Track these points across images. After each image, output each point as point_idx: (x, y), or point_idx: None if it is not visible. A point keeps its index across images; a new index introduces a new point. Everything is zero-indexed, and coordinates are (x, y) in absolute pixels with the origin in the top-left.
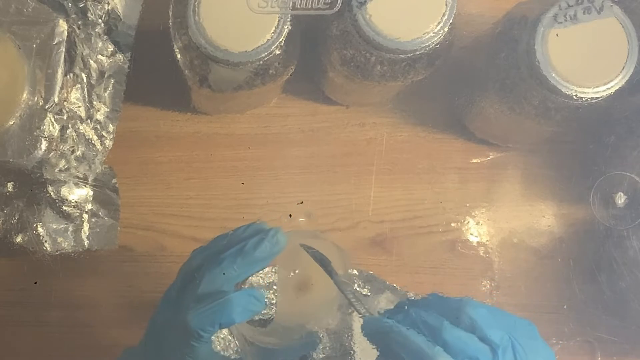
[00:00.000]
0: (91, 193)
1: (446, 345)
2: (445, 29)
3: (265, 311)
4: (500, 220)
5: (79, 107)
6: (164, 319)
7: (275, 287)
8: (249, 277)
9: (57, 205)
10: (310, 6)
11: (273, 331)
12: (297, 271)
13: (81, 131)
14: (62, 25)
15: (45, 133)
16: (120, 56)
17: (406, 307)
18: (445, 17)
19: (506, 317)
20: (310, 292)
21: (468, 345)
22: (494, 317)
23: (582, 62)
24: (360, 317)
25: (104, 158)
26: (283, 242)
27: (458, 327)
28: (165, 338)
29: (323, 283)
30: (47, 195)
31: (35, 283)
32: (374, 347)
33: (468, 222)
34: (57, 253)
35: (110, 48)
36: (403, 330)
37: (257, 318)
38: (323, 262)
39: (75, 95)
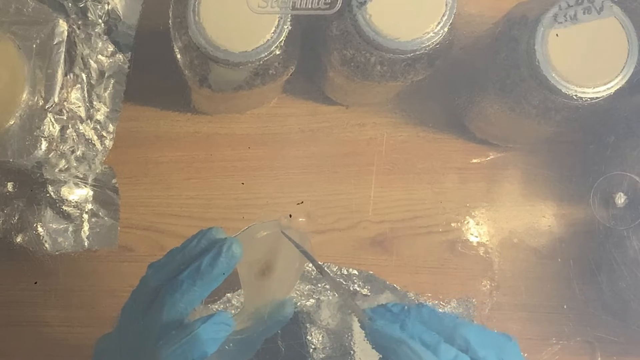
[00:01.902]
0: (91, 193)
1: None
2: (445, 29)
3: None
4: (500, 220)
5: (79, 107)
6: (130, 340)
7: None
8: None
9: (57, 205)
10: (310, 6)
11: (242, 317)
12: (255, 261)
13: (81, 131)
14: (62, 25)
15: (45, 133)
16: (120, 56)
17: (400, 315)
18: (445, 17)
19: (492, 336)
20: (273, 273)
21: None
22: (484, 336)
23: (582, 62)
24: (350, 312)
25: (104, 158)
26: (239, 253)
27: (453, 347)
28: None
29: (283, 261)
30: (47, 195)
31: (35, 283)
32: (375, 350)
33: (468, 222)
34: (57, 253)
35: (110, 48)
36: (417, 347)
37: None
38: (311, 258)
39: (75, 95)
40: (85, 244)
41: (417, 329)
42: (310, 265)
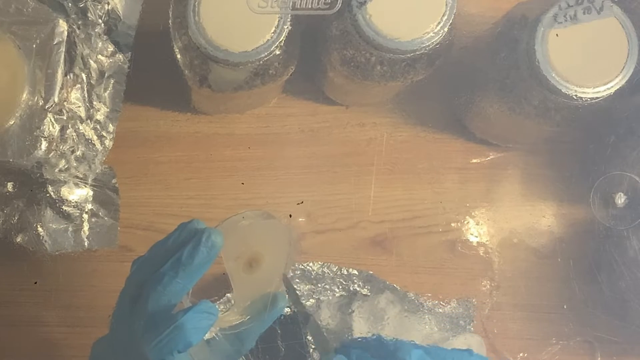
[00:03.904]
0: (91, 193)
1: None
2: (445, 29)
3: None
4: (500, 220)
5: (79, 107)
6: (120, 335)
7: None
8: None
9: (57, 205)
10: (310, 6)
11: (235, 313)
12: (241, 252)
13: (81, 131)
14: (62, 25)
15: (45, 133)
16: (120, 56)
17: (347, 346)
18: (445, 17)
19: (443, 353)
20: (261, 265)
21: None
22: (430, 357)
23: (582, 62)
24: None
25: (104, 158)
26: (220, 242)
27: None
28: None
29: (271, 253)
30: (47, 195)
31: (35, 283)
32: None
33: (468, 222)
34: (57, 253)
35: (110, 48)
36: None
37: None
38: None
39: (75, 95)
40: (85, 244)
41: (357, 355)
42: (309, 264)
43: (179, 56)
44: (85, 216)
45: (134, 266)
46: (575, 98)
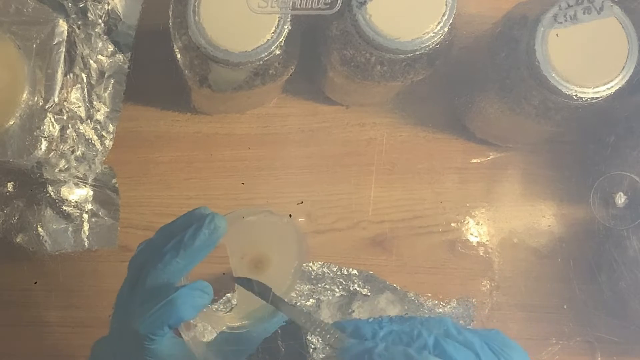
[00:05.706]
0: (91, 193)
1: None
2: (445, 29)
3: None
4: (500, 220)
5: (79, 107)
6: (119, 319)
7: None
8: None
9: (57, 205)
10: (310, 6)
11: (240, 314)
12: (248, 251)
13: (81, 131)
14: (62, 25)
15: (45, 133)
16: (120, 56)
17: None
18: (445, 17)
19: (472, 332)
20: (268, 267)
21: (457, 351)
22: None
23: (582, 62)
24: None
25: (104, 158)
26: (223, 227)
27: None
28: (123, 340)
29: (279, 257)
30: (47, 195)
31: (35, 283)
32: None
33: (468, 222)
34: (57, 253)
35: (110, 48)
36: (386, 347)
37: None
38: (263, 294)
39: (75, 95)
40: (85, 244)
41: (397, 325)
42: (309, 264)
43: (179, 56)
44: (85, 216)
45: (138, 248)
46: (575, 98)
